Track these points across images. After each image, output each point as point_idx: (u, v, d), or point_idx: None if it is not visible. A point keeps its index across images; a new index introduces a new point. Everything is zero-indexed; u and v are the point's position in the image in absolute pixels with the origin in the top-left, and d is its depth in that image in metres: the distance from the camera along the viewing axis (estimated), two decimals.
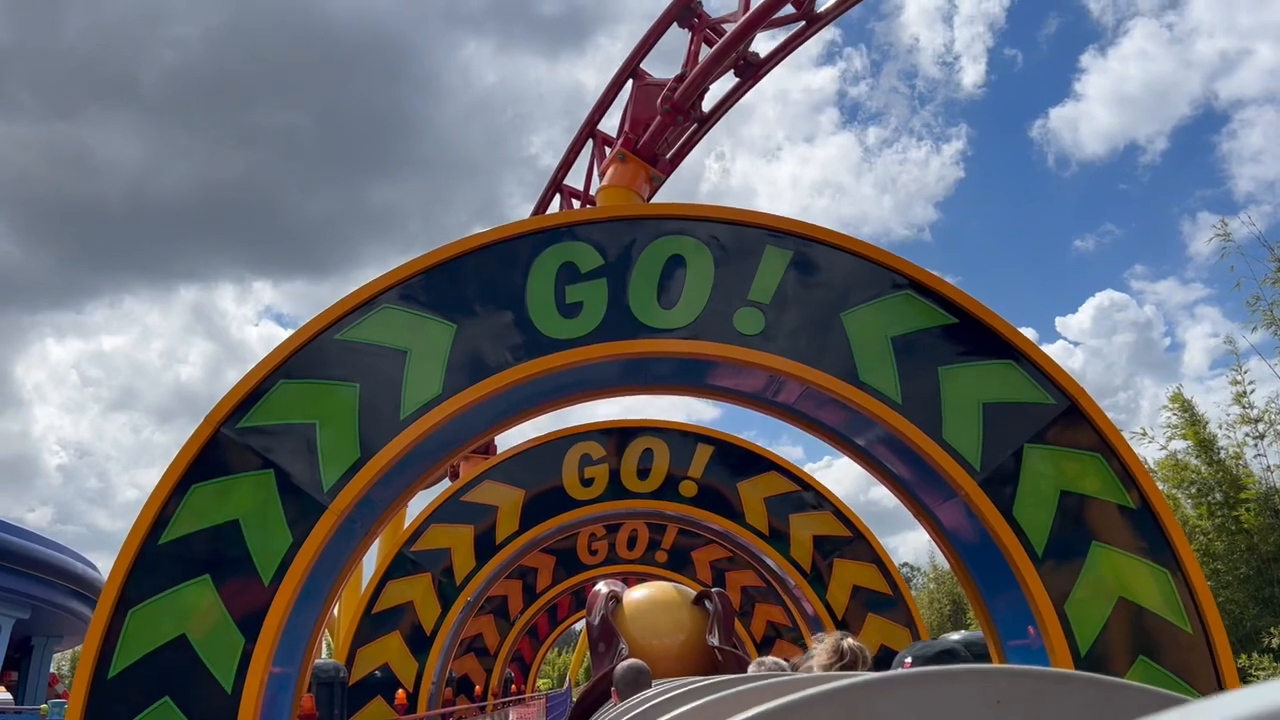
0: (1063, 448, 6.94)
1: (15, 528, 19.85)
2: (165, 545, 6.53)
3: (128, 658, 6.35)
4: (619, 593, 7.54)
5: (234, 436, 6.72)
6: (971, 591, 7.60)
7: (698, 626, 7.13)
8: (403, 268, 7.16)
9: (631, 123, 11.12)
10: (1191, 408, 15.63)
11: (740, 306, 7.12)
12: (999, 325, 7.15)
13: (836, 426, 7.71)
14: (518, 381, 6.95)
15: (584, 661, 33.32)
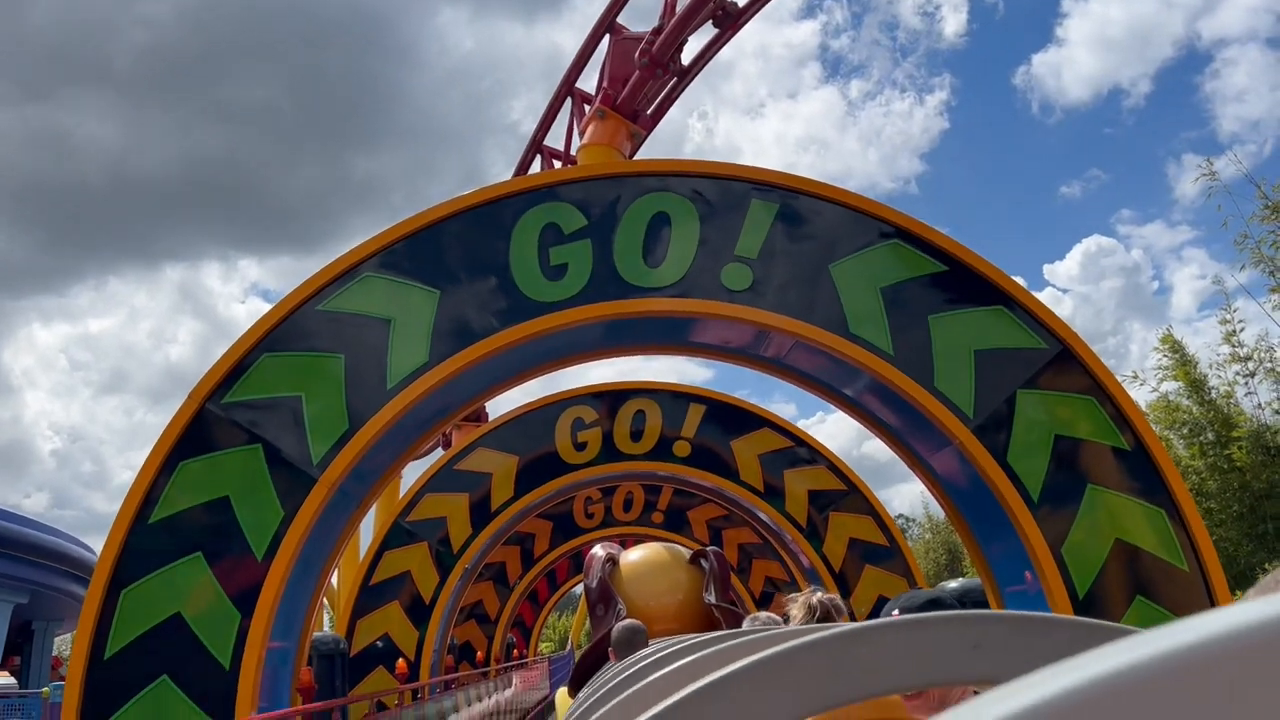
0: (1056, 392, 6.91)
1: (11, 514, 19.80)
2: (156, 524, 6.47)
3: (124, 638, 6.31)
4: (615, 555, 7.53)
5: (220, 412, 6.64)
6: (967, 538, 7.60)
7: (694, 585, 7.16)
8: (382, 235, 7.04)
9: (610, 79, 10.95)
10: (1182, 349, 15.65)
11: (728, 262, 7.03)
12: (989, 271, 7.08)
13: (826, 379, 7.66)
14: (505, 346, 6.87)
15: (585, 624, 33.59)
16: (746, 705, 0.45)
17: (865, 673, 0.46)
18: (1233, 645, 0.16)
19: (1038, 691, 0.18)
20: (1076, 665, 0.18)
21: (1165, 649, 0.17)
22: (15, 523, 19.32)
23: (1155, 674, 0.17)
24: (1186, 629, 0.16)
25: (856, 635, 0.46)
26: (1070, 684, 0.18)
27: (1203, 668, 0.16)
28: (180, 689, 6.26)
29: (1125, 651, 0.17)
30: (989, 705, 0.19)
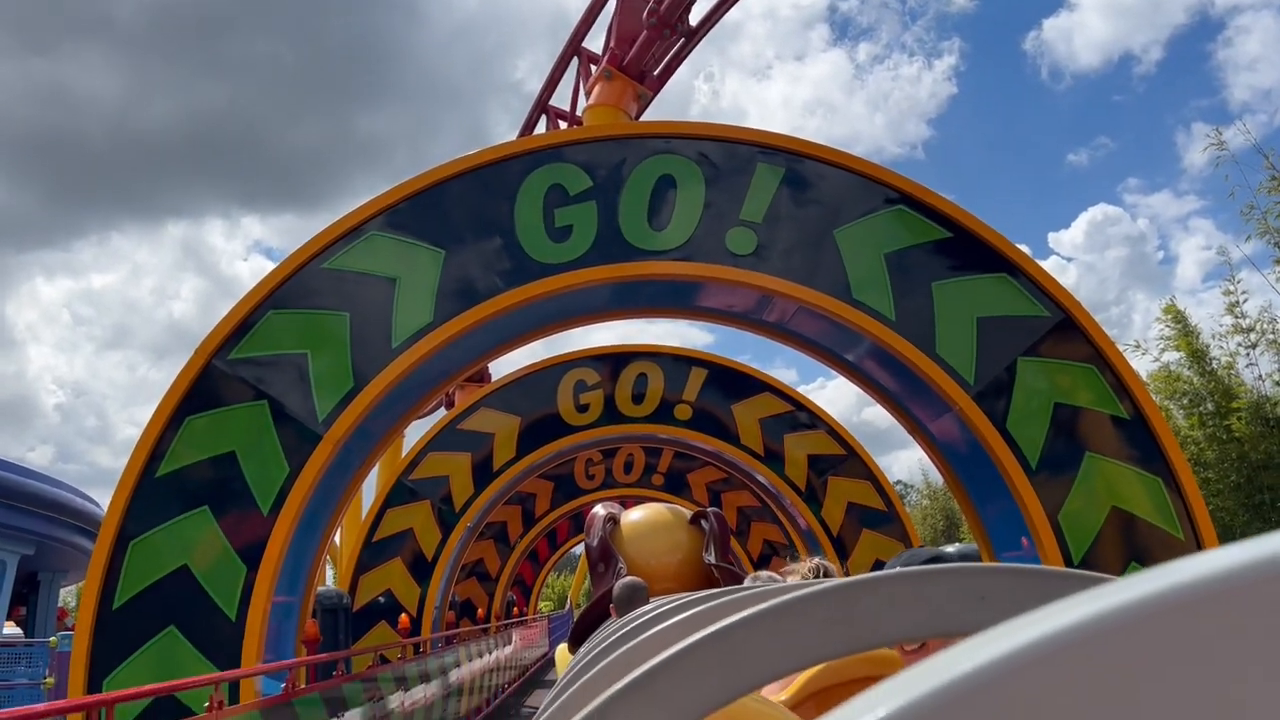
0: (1057, 360, 6.95)
1: (16, 466, 19.93)
2: (163, 478, 6.55)
3: (131, 589, 6.41)
4: (616, 514, 7.47)
5: (226, 368, 6.69)
6: (965, 504, 7.68)
7: (694, 545, 7.12)
8: (388, 194, 7.05)
9: (617, 39, 10.86)
10: (1184, 319, 15.65)
11: (732, 226, 7.04)
12: (992, 238, 7.09)
13: (828, 344, 7.70)
14: (509, 308, 6.90)
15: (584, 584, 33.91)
16: (751, 654, 0.45)
17: (872, 622, 0.46)
18: (1210, 589, 0.17)
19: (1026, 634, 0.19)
20: (1051, 612, 0.19)
21: (1132, 598, 0.18)
22: (22, 475, 19.46)
23: (1130, 622, 0.17)
24: (1155, 578, 0.18)
25: (864, 585, 0.46)
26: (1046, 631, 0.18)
27: (1175, 612, 0.17)
28: (187, 639, 6.36)
29: (1095, 601, 0.18)
30: (969, 652, 0.19)
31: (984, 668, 0.19)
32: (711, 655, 0.46)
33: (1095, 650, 0.17)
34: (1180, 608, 0.17)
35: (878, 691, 0.20)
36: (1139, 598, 0.18)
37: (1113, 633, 0.17)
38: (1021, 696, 0.18)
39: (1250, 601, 0.16)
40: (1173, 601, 0.17)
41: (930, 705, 0.19)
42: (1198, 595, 0.17)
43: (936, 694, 0.19)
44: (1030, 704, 0.18)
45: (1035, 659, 0.18)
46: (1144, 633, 0.17)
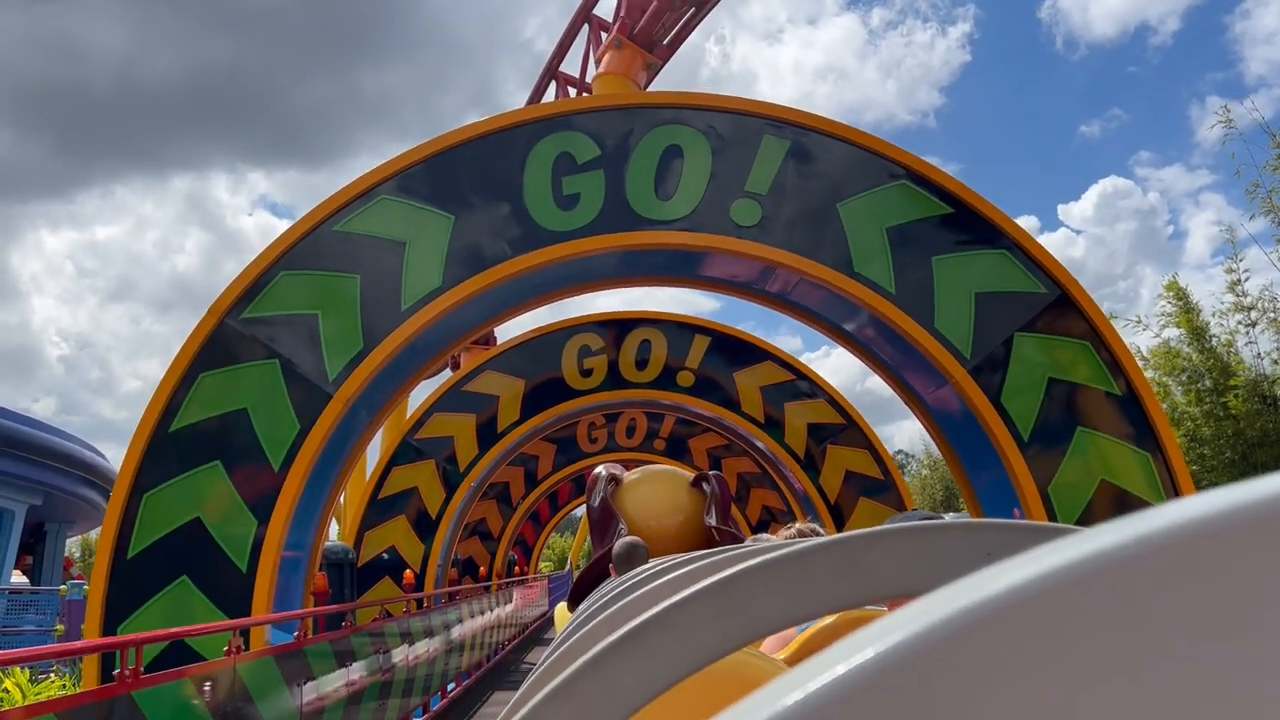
0: (1053, 336, 7.08)
1: (25, 417, 20.17)
2: (176, 432, 6.71)
3: (145, 539, 6.59)
4: (618, 475, 7.57)
5: (239, 327, 6.83)
6: (958, 473, 7.84)
7: (695, 508, 7.22)
8: (399, 158, 7.16)
9: (628, 8, 10.91)
10: (1186, 296, 15.74)
11: (737, 197, 7.14)
12: (993, 214, 7.19)
13: (829, 315, 7.83)
14: (517, 274, 7.03)
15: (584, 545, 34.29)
16: (753, 605, 0.45)
17: (876, 575, 0.46)
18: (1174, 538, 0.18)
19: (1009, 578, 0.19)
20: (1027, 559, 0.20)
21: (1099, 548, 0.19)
22: (31, 427, 19.70)
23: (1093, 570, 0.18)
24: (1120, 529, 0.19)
25: (869, 538, 0.46)
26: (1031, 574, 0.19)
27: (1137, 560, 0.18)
28: (199, 589, 6.55)
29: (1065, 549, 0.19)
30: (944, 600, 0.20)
31: (952, 617, 0.19)
32: (711, 606, 0.46)
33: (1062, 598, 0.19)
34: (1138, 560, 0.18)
35: (869, 630, 0.21)
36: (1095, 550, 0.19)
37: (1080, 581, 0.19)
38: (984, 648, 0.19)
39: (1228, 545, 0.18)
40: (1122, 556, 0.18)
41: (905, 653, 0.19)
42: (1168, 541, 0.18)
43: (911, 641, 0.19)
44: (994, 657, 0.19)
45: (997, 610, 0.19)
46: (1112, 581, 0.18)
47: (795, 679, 0.20)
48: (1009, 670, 0.18)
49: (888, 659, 0.19)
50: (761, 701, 0.20)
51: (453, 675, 10.15)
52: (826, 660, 0.20)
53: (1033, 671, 0.18)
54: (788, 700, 0.19)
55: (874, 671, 0.19)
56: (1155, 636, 0.18)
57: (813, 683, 0.19)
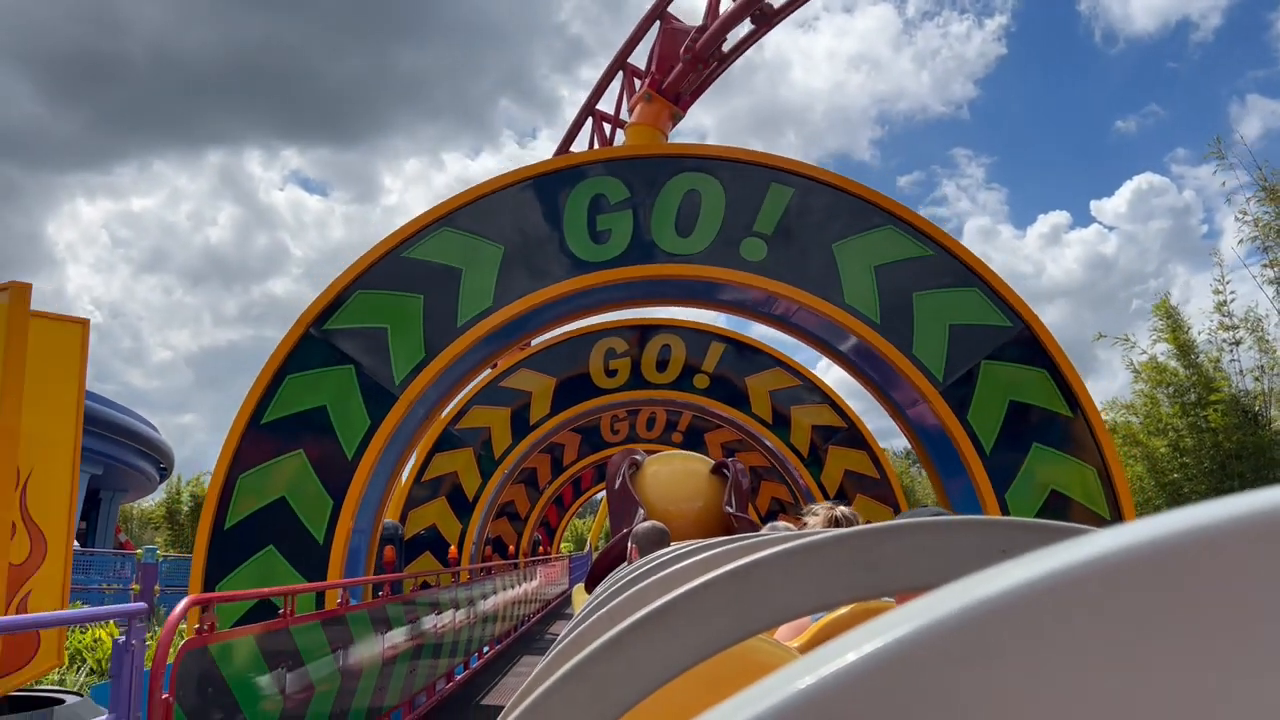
0: (1015, 364, 8.22)
1: (94, 394, 21.72)
2: (267, 424, 7.98)
3: (239, 514, 7.86)
4: (639, 461, 7.85)
5: (320, 336, 8.09)
6: (933, 476, 9.01)
7: (715, 494, 7.37)
8: (458, 196, 8.37)
9: (658, 65, 12.11)
10: (1175, 315, 16.75)
11: (746, 236, 8.31)
12: (967, 257, 8.33)
13: (824, 336, 8.99)
14: (556, 297, 8.24)
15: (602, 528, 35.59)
16: (770, 592, 0.46)
17: (894, 568, 0.46)
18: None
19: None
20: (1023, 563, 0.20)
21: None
22: (99, 403, 21.23)
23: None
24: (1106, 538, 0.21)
25: (887, 532, 0.46)
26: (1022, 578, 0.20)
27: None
28: (283, 556, 7.82)
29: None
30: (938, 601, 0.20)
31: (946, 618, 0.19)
32: (728, 593, 0.46)
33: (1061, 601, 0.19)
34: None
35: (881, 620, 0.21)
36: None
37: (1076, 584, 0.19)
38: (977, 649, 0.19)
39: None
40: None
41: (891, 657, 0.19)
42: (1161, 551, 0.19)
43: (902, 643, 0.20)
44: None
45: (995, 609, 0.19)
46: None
47: (802, 667, 0.20)
48: (1010, 666, 0.19)
49: (893, 651, 0.19)
50: (769, 688, 0.20)
51: (487, 640, 11.47)
52: (833, 650, 0.20)
53: (1036, 668, 0.19)
54: (795, 687, 0.19)
55: (877, 664, 0.19)
56: (1157, 637, 0.19)
57: (819, 671, 0.20)
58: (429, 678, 8.32)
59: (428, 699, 8.21)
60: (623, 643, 0.45)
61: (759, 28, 11.44)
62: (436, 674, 8.67)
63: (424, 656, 8.13)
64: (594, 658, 0.46)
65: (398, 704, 7.21)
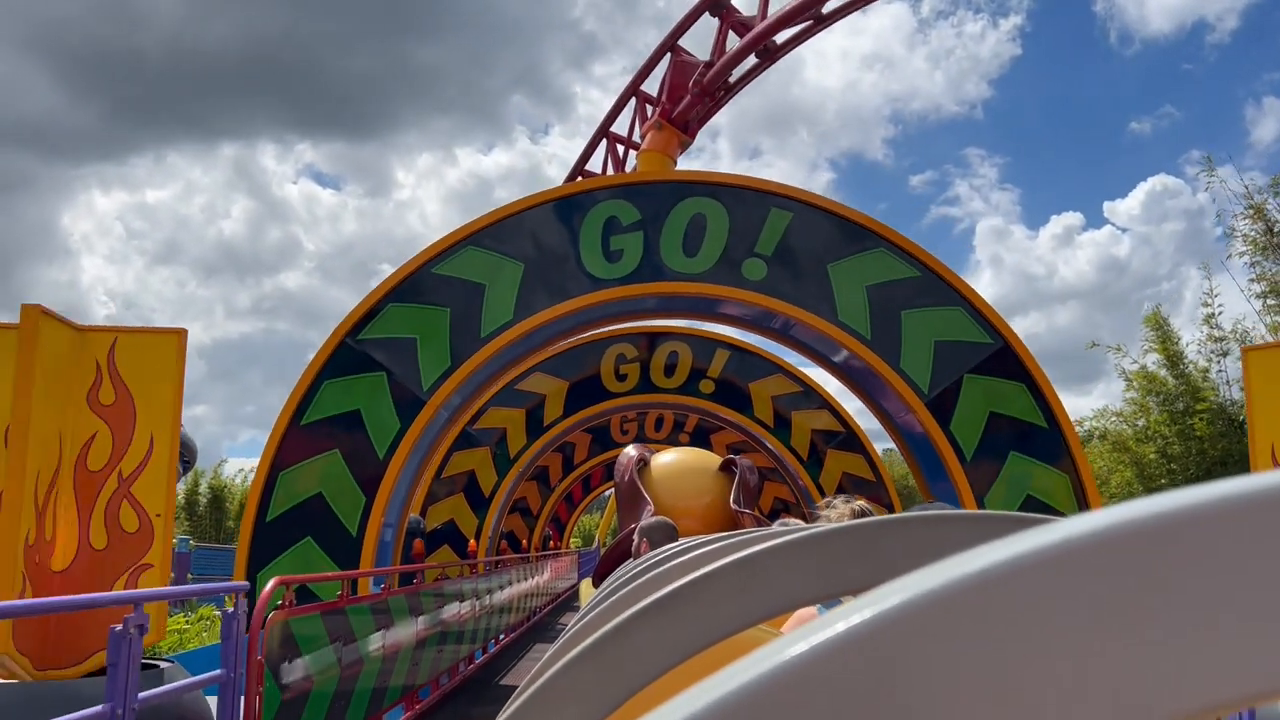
0: (995, 378, 8.89)
1: None
2: (305, 426, 8.70)
3: (279, 508, 8.59)
4: (647, 456, 8.00)
5: (355, 346, 8.81)
6: (920, 480, 9.68)
7: (722, 491, 7.48)
8: (483, 218, 9.09)
9: (669, 93, 12.87)
10: (1164, 326, 17.39)
11: (747, 257, 9.00)
12: (952, 279, 9.01)
13: (820, 349, 9.67)
14: (572, 311, 8.95)
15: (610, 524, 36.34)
16: (775, 582, 0.46)
17: (892, 560, 0.47)
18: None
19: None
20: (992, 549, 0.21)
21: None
22: None
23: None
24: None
25: (892, 525, 0.48)
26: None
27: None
28: (319, 547, 8.54)
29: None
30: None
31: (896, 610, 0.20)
32: (734, 581, 0.46)
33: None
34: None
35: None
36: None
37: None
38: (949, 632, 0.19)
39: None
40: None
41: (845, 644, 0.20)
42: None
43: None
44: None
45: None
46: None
47: (772, 650, 0.20)
48: (974, 647, 0.20)
49: (855, 634, 0.20)
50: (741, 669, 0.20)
51: (503, 629, 12.20)
52: (803, 634, 0.20)
53: (992, 652, 0.19)
54: (764, 666, 0.20)
55: (845, 645, 0.20)
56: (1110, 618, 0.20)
57: (784, 654, 0.20)
58: (452, 660, 9.06)
59: (451, 679, 8.93)
60: (630, 628, 0.46)
61: (763, 61, 12.16)
62: (459, 656, 9.41)
63: (449, 641, 8.86)
64: (602, 642, 0.46)
65: (425, 682, 7.94)
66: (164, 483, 5.01)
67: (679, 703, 0.20)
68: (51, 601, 4.11)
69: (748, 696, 0.19)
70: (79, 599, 4.04)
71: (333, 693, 5.30)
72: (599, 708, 0.47)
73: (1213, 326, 16.86)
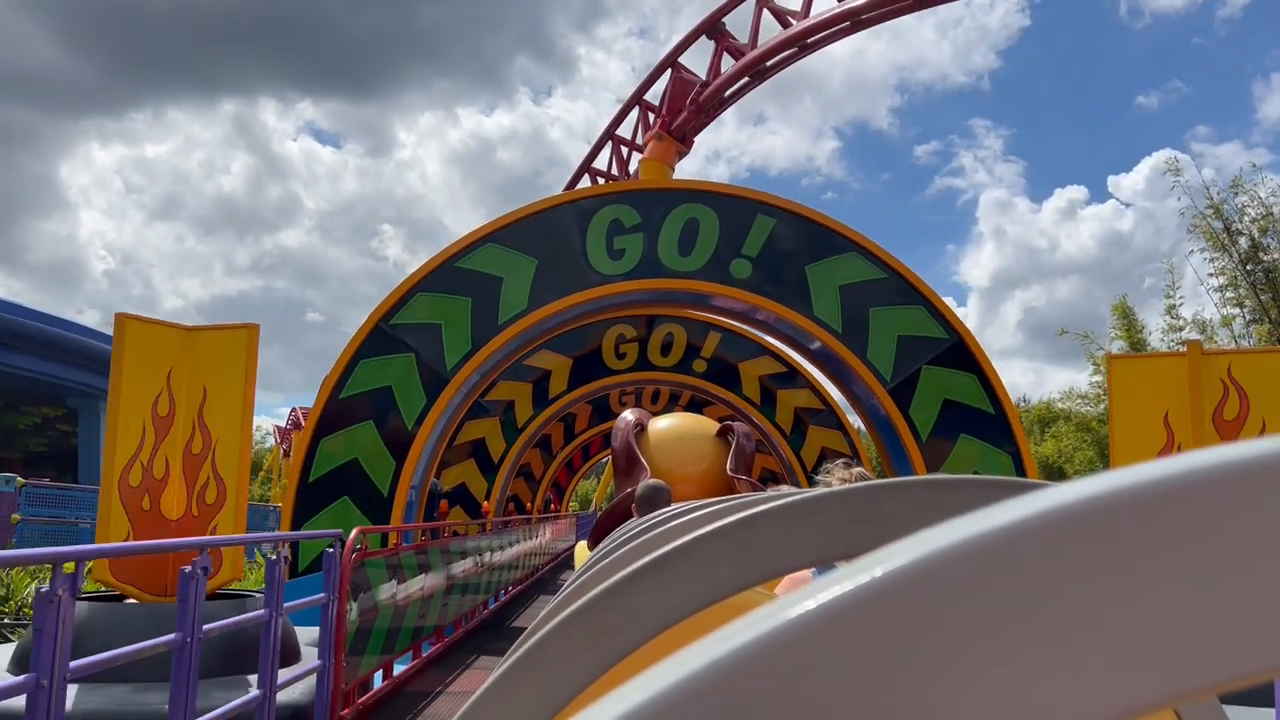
0: (950, 369, 10.12)
1: None
2: (343, 400, 9.92)
3: (320, 470, 9.83)
4: (644, 421, 8.25)
5: (388, 330, 10.01)
6: (884, 458, 10.94)
7: (719, 457, 7.60)
8: (501, 218, 10.27)
9: (669, 105, 14.02)
10: (1131, 315, 18.60)
11: (735, 258, 10.19)
12: (915, 281, 10.21)
13: (798, 338, 10.89)
14: (579, 303, 10.15)
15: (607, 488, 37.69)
16: (772, 545, 0.46)
17: (891, 524, 0.46)
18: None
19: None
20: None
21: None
22: None
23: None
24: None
25: (889, 489, 0.47)
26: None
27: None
28: (355, 505, 9.79)
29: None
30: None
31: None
32: (732, 542, 0.46)
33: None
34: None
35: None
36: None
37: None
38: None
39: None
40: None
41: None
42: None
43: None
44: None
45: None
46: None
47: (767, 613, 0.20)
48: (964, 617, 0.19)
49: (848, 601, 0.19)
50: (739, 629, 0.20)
51: (511, 581, 13.54)
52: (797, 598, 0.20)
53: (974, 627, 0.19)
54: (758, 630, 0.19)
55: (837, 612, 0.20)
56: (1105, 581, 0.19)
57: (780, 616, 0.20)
58: (472, 604, 10.39)
59: (470, 619, 10.25)
60: (625, 589, 0.47)
61: (754, 80, 13.29)
62: (477, 602, 10.73)
63: (469, 589, 10.16)
64: (596, 603, 0.47)
65: (451, 622, 9.25)
66: (237, 457, 6.16)
67: (676, 661, 0.20)
68: (166, 543, 5.35)
69: (745, 656, 0.19)
70: (193, 540, 5.26)
71: (388, 624, 6.58)
72: (593, 667, 0.47)
73: (1174, 316, 18.05)
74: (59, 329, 22.20)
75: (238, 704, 3.92)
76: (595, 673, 0.46)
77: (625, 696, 0.19)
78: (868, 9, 12.28)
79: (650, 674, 0.20)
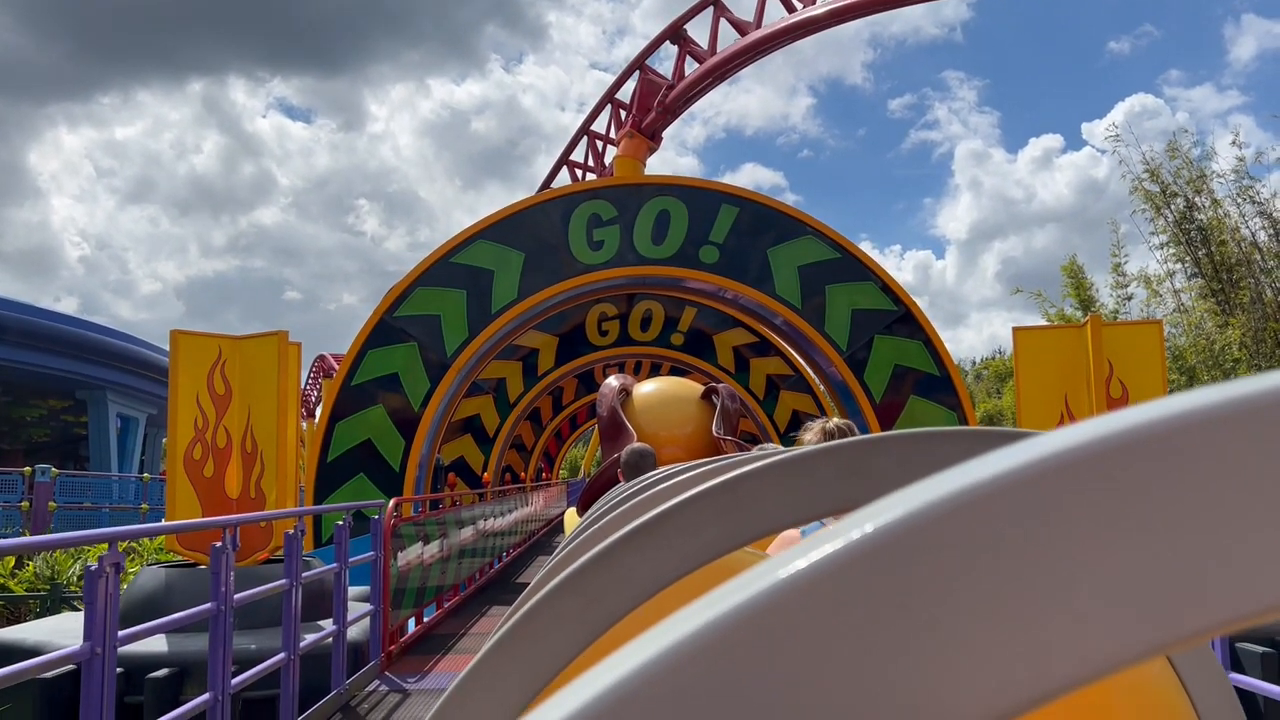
0: (899, 337, 11.28)
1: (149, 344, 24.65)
2: (355, 386, 11.02)
3: (337, 450, 10.92)
4: (629, 386, 8.25)
5: (392, 322, 11.08)
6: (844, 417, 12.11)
7: (704, 419, 7.67)
8: (491, 216, 11.32)
9: (638, 104, 15.09)
10: (1080, 274, 19.81)
11: (704, 244, 11.29)
12: (865, 259, 11.35)
13: (763, 315, 12.03)
14: (563, 291, 11.24)
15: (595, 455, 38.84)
16: (760, 504, 0.46)
17: (879, 479, 0.46)
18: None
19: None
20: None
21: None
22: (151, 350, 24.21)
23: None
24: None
25: (874, 444, 0.47)
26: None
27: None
28: (370, 481, 10.90)
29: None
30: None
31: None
32: (718, 504, 0.46)
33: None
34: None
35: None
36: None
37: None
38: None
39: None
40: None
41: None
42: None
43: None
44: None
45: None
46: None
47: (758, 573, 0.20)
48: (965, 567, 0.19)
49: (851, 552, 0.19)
50: (736, 587, 0.20)
51: (510, 546, 14.74)
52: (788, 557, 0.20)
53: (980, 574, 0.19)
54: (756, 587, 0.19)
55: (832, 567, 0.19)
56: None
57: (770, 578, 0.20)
58: (481, 564, 11.59)
59: (480, 577, 11.44)
60: (614, 554, 0.46)
61: (714, 80, 14.32)
62: (484, 562, 11.93)
63: (478, 553, 11.35)
64: (585, 569, 0.47)
65: (463, 581, 10.44)
66: (276, 443, 7.24)
67: (669, 625, 0.20)
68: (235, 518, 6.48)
69: (738, 616, 0.19)
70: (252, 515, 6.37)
71: (417, 583, 7.76)
72: (584, 635, 0.46)
73: (1120, 274, 19.29)
74: (65, 325, 23.13)
75: (324, 635, 5.07)
76: (587, 640, 0.46)
77: (619, 662, 0.19)
78: (818, 20, 13.28)
79: (643, 639, 0.20)
